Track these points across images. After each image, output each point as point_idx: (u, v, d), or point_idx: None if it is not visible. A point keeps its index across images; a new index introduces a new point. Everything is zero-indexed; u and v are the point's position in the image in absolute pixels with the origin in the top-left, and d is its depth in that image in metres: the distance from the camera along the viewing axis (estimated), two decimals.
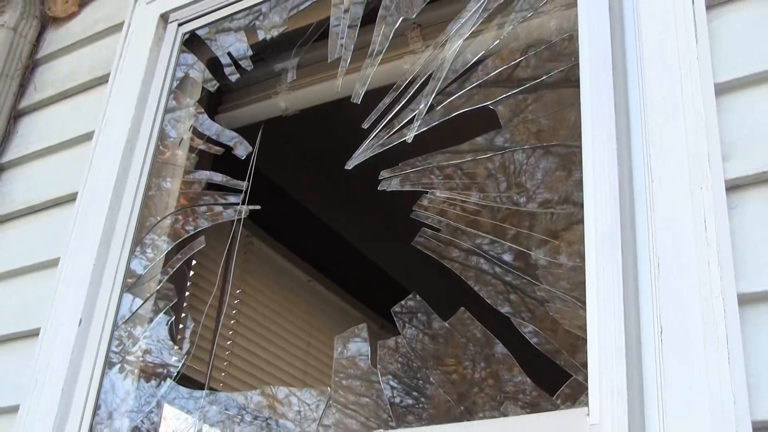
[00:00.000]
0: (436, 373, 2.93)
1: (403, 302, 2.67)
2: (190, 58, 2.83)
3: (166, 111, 2.68)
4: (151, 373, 2.54)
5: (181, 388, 2.67)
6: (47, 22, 3.18)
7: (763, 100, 1.67)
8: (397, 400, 3.50)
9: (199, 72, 2.86)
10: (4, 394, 2.39)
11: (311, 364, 4.22)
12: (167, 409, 2.66)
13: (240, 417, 2.89)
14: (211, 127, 2.90)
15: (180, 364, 2.58)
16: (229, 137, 2.90)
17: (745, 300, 1.52)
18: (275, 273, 4.33)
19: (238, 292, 3.97)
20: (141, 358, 2.51)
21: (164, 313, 2.55)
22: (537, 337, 2.29)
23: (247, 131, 2.99)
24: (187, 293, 3.41)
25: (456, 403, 2.94)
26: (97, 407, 2.24)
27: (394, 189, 2.39)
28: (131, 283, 2.48)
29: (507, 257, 2.45)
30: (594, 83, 1.85)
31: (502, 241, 2.43)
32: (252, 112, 3.05)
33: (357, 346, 2.88)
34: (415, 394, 3.33)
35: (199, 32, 2.80)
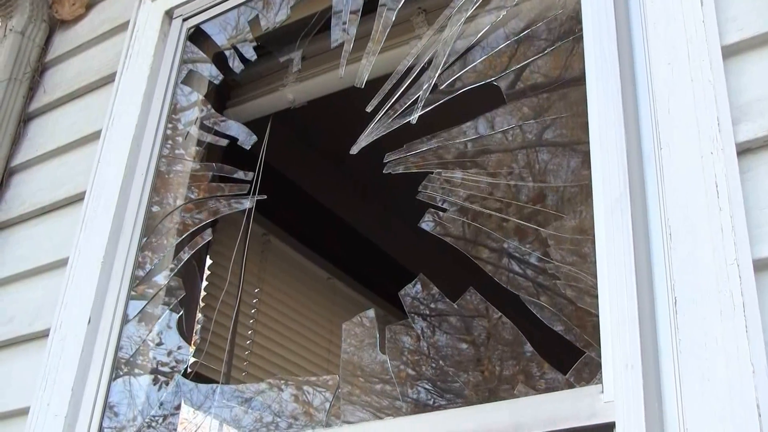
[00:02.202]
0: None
1: (411, 286, 2.64)
2: (195, 52, 2.82)
3: (173, 106, 2.67)
4: (161, 371, 2.52)
5: (200, 385, 2.65)
6: (55, 25, 3.19)
7: None
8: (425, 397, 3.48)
9: (204, 66, 2.84)
10: (15, 395, 2.38)
11: (333, 362, 4.18)
12: (184, 408, 2.65)
13: (274, 425, 2.87)
14: (219, 121, 2.88)
15: (190, 362, 2.56)
16: (237, 130, 2.89)
17: (761, 266, 1.48)
18: (294, 271, 4.29)
19: (256, 291, 3.94)
20: (151, 356, 2.49)
21: (171, 309, 2.52)
22: (569, 334, 2.24)
23: (256, 125, 2.97)
24: (204, 293, 3.40)
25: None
26: (106, 406, 2.22)
27: (401, 171, 2.36)
28: (140, 280, 2.46)
29: (535, 254, 2.42)
30: (598, 52, 1.82)
31: (527, 224, 2.39)
32: (260, 105, 3.04)
33: (365, 332, 2.86)
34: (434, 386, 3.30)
35: (203, 26, 2.79)
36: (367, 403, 3.12)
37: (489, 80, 2.23)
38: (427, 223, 2.38)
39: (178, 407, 2.58)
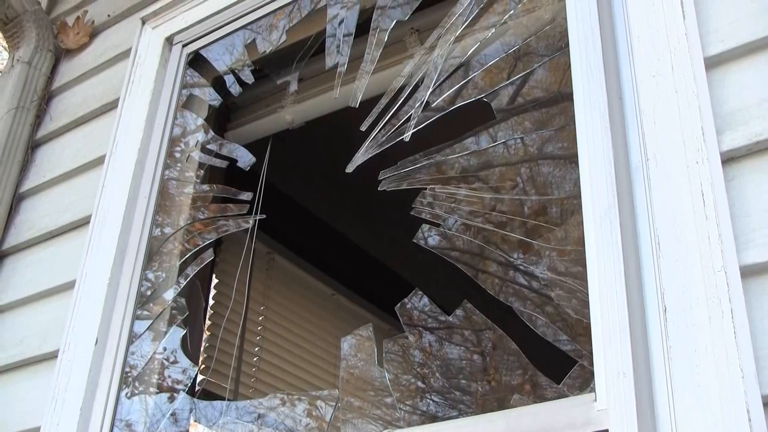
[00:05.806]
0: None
1: (408, 299, 2.66)
2: (195, 77, 2.86)
3: (174, 130, 2.71)
4: (167, 388, 2.55)
5: (207, 403, 2.68)
6: (60, 54, 3.24)
7: (753, 69, 1.66)
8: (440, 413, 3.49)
9: (205, 90, 2.89)
10: (26, 415, 2.41)
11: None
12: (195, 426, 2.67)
13: None
14: (220, 143, 2.92)
15: (193, 379, 2.58)
16: (238, 152, 2.92)
17: (748, 272, 1.50)
18: (299, 288, 4.31)
19: (262, 308, 3.96)
20: (158, 373, 2.52)
21: (177, 326, 2.56)
22: (570, 345, 2.26)
23: (257, 146, 3.01)
24: (210, 312, 3.43)
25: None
26: (114, 424, 2.25)
27: (395, 188, 2.39)
28: (144, 300, 2.49)
29: (540, 264, 2.44)
30: (584, 66, 1.84)
31: (532, 241, 2.41)
32: (260, 126, 3.07)
33: (365, 346, 2.88)
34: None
35: (203, 51, 2.83)
36: (367, 414, 3.13)
37: (480, 96, 2.26)
38: (423, 235, 2.41)
39: (187, 423, 2.60)
